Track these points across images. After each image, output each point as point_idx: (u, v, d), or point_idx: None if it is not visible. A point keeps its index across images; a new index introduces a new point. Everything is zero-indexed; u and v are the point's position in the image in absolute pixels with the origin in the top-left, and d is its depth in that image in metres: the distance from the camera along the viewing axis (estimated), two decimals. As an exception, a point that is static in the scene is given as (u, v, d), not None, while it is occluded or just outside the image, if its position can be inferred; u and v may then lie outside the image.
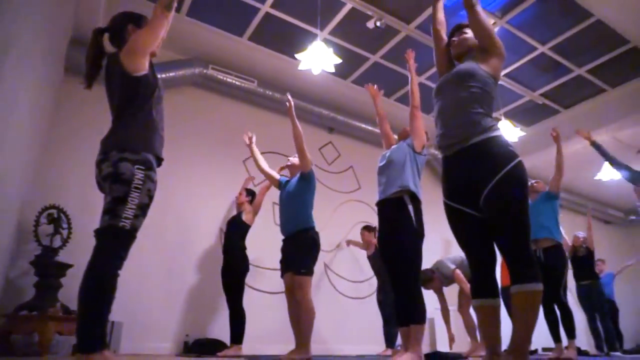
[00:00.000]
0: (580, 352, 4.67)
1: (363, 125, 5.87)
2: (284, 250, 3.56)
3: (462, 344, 5.32)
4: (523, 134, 5.48)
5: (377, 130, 5.79)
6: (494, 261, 1.91)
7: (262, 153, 5.06)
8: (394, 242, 2.77)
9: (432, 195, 4.21)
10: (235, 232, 4.10)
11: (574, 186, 8.00)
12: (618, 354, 5.26)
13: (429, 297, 4.18)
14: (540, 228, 3.99)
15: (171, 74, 4.52)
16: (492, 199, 1.79)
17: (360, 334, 5.10)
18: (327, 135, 5.87)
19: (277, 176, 3.81)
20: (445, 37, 2.26)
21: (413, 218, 2.74)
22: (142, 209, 1.76)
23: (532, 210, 4.10)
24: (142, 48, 1.86)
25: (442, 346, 5.39)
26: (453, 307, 5.37)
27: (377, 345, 4.78)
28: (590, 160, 6.81)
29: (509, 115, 5.99)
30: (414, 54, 3.06)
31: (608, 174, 6.24)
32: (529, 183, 4.43)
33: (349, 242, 5.39)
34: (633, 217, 8.89)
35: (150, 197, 1.80)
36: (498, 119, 5.08)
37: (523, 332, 1.69)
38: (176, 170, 4.41)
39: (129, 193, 1.71)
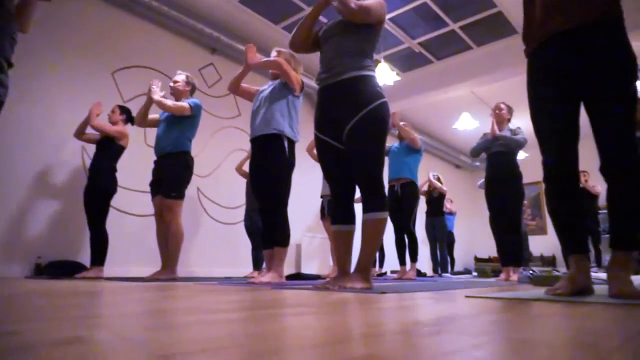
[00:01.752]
0: (420, 273, 5.47)
1: (248, 51, 5.66)
2: (155, 172, 3.45)
3: (327, 268, 5.86)
4: (398, 78, 5.83)
5: (262, 57, 5.69)
6: (353, 192, 2.10)
7: (132, 67, 4.63)
8: (265, 169, 2.85)
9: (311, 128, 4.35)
10: (105, 152, 3.78)
11: (434, 132, 8.94)
12: (448, 275, 6.33)
13: (296, 225, 4.45)
14: (404, 167, 4.48)
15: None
16: (353, 134, 1.93)
17: (230, 258, 5.26)
18: (209, 56, 5.55)
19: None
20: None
21: (286, 149, 2.84)
22: (-19, 114, 1.52)
23: (399, 151, 4.55)
24: None
25: (307, 269, 5.86)
26: (323, 235, 5.81)
27: (246, 268, 5.00)
28: (450, 111, 7.64)
29: (388, 59, 6.29)
30: (254, 48, 3.09)
31: (463, 124, 7.08)
32: (401, 124, 4.84)
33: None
34: (477, 163, 10.34)
35: (0, 103, 1.57)
36: (378, 62, 5.30)
37: (368, 253, 1.93)
38: (31, 77, 3.82)
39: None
